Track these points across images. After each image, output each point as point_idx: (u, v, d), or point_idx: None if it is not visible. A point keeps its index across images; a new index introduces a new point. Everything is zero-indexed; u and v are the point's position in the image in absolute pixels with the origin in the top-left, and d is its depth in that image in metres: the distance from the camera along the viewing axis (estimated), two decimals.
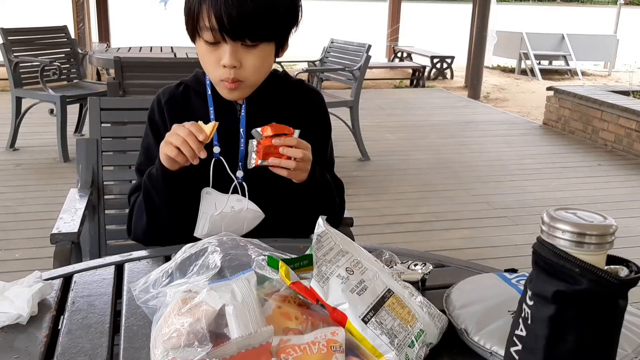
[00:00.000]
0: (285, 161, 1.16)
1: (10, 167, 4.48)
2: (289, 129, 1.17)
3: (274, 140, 1.14)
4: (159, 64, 3.92)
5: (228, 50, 1.18)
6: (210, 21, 1.15)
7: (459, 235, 3.52)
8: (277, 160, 1.16)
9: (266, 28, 1.19)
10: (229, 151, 1.31)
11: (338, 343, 0.74)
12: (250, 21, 1.16)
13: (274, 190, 1.33)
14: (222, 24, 1.14)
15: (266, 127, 1.15)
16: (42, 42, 5.30)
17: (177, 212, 1.29)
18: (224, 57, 1.19)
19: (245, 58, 1.20)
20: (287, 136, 1.16)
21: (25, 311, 0.90)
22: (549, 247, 0.62)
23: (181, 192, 1.26)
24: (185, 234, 1.27)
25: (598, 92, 6.27)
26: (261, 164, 1.16)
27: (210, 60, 1.22)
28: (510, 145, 5.66)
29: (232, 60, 1.19)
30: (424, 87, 8.95)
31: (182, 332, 0.73)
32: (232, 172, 1.30)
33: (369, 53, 4.92)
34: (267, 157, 1.15)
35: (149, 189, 1.27)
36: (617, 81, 10.55)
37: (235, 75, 1.21)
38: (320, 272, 0.80)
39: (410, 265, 1.01)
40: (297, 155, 1.16)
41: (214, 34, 1.17)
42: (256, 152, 1.15)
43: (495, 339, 0.84)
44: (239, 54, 1.19)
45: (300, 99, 1.41)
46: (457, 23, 15.43)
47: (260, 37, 1.19)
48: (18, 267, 2.90)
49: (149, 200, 1.29)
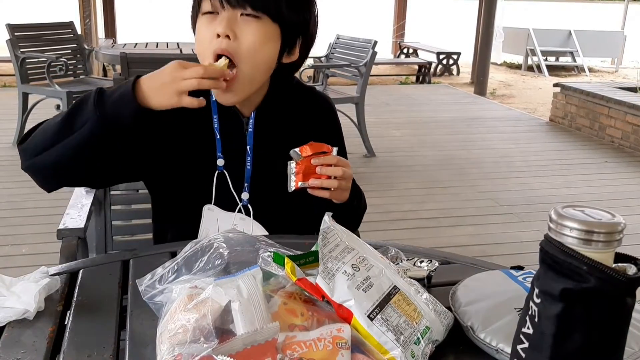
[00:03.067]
0: (326, 181, 1.09)
1: (17, 163, 4.46)
2: (327, 147, 1.10)
3: (312, 160, 1.07)
4: (165, 60, 3.91)
5: (225, 17, 1.09)
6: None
7: (465, 232, 3.52)
8: (317, 181, 1.08)
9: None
10: (235, 168, 1.24)
11: (344, 340, 0.74)
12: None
13: (280, 211, 1.27)
14: None
15: (305, 147, 1.08)
16: (49, 38, 5.31)
17: (91, 160, 1.09)
18: (218, 26, 1.09)
19: (242, 30, 1.10)
20: (325, 154, 1.09)
21: (31, 306, 0.90)
22: (556, 245, 0.62)
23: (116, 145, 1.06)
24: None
25: (605, 88, 6.24)
26: (301, 186, 1.08)
27: (205, 35, 1.12)
28: (516, 142, 5.64)
29: (227, 28, 1.09)
30: (429, 84, 8.93)
31: (188, 328, 0.73)
32: (237, 192, 1.24)
33: (374, 49, 4.91)
34: (307, 179, 1.08)
35: (89, 104, 1.04)
36: (625, 78, 10.49)
37: (228, 47, 1.09)
38: (326, 268, 0.80)
39: (416, 262, 1.01)
40: (338, 174, 1.09)
41: (212, 2, 1.10)
42: (295, 174, 1.08)
43: (502, 336, 0.83)
44: (235, 23, 1.10)
45: (311, 107, 1.34)
46: (463, 19, 15.37)
47: (262, 5, 1.10)
48: (24, 263, 2.92)
49: (74, 116, 1.06)
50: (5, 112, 5.85)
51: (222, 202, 1.23)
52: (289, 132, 1.28)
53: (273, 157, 1.23)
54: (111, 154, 1.09)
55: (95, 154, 1.08)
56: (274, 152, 1.23)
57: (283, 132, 1.27)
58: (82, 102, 1.07)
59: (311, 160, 1.08)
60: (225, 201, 1.23)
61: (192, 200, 1.24)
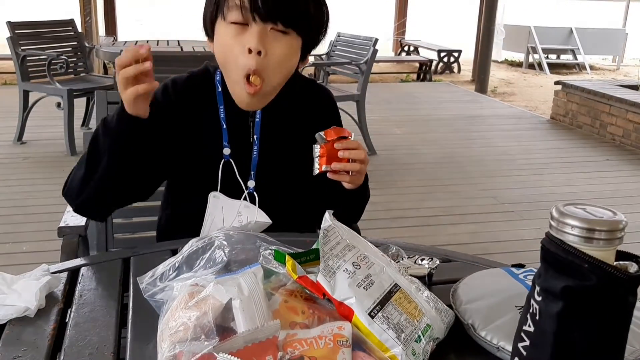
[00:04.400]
0: (349, 165, 1.10)
1: (18, 161, 4.50)
2: (348, 132, 1.11)
3: (335, 144, 1.08)
4: (166, 57, 3.93)
5: (256, 32, 1.09)
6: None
7: (466, 230, 3.51)
8: (341, 165, 1.09)
9: (301, 13, 1.12)
10: (241, 156, 1.26)
11: (345, 337, 0.74)
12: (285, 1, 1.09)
13: (285, 199, 1.30)
14: (255, 1, 1.07)
15: (329, 131, 1.09)
16: (49, 36, 5.31)
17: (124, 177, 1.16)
18: (250, 40, 1.09)
19: (272, 46, 1.11)
20: (347, 139, 1.10)
21: (32, 304, 0.90)
22: (557, 243, 0.62)
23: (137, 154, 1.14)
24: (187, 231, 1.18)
25: (606, 86, 6.23)
26: (325, 169, 1.09)
27: (233, 47, 1.12)
28: (517, 140, 5.64)
29: (259, 44, 1.09)
30: (430, 81, 8.92)
31: (189, 325, 0.73)
32: (243, 180, 1.26)
33: (375, 47, 4.91)
34: (331, 162, 1.09)
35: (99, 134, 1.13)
36: (626, 75, 10.48)
37: (258, 65, 1.11)
38: (327, 266, 0.80)
39: (416, 260, 1.01)
40: (360, 157, 1.11)
41: (243, 13, 1.08)
42: (320, 157, 1.09)
43: (503, 334, 0.83)
44: (266, 38, 1.10)
45: (311, 98, 1.37)
46: (464, 17, 15.35)
47: (294, 22, 1.11)
48: (25, 260, 2.92)
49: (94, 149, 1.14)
50: (6, 109, 5.85)
51: (228, 190, 1.26)
52: (294, 123, 1.30)
53: (278, 146, 1.28)
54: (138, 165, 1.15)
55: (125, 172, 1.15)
56: (280, 142, 1.28)
57: (288, 122, 1.29)
58: (93, 139, 1.15)
59: (334, 144, 1.09)
60: (231, 189, 1.26)
61: (199, 188, 1.27)
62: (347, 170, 1.11)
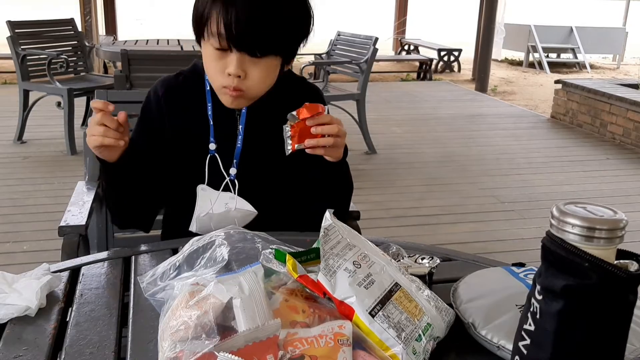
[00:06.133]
0: (322, 140, 1.11)
1: (18, 160, 4.50)
2: (321, 107, 1.11)
3: (307, 121, 1.09)
4: (166, 56, 3.93)
5: (235, 59, 1.15)
6: (219, 28, 1.12)
7: (466, 229, 3.51)
8: (313, 141, 1.11)
9: (275, 42, 1.16)
10: (225, 148, 1.31)
11: (345, 336, 0.74)
12: (259, 33, 1.12)
13: (268, 186, 1.34)
14: (231, 32, 1.11)
15: (301, 110, 1.10)
16: (50, 35, 5.31)
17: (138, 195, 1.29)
18: (229, 66, 1.16)
19: (250, 69, 1.18)
20: (319, 114, 1.11)
21: (33, 303, 0.90)
22: (558, 242, 0.62)
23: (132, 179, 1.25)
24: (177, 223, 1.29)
25: (606, 85, 6.23)
26: (298, 147, 1.10)
27: (215, 67, 1.19)
28: (517, 139, 5.64)
29: (238, 70, 1.16)
30: (431, 80, 8.92)
31: (190, 324, 0.73)
32: (226, 169, 1.30)
33: (375, 46, 4.91)
34: (303, 140, 1.10)
35: (103, 176, 1.28)
36: (626, 74, 10.48)
37: (239, 84, 1.18)
38: (327, 265, 0.80)
39: (417, 259, 1.01)
40: (333, 132, 1.12)
41: (221, 41, 1.14)
42: (291, 137, 1.10)
43: (503, 333, 0.83)
44: (245, 64, 1.16)
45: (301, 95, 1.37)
46: (464, 16, 15.35)
47: (268, 50, 1.16)
48: (26, 260, 2.92)
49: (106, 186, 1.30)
50: (6, 109, 5.85)
51: (215, 183, 1.31)
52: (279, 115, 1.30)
53: (262, 136, 1.32)
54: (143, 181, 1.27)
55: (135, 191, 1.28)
56: (263, 132, 1.32)
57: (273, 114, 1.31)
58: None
59: (306, 122, 1.10)
60: (217, 181, 1.31)
61: (188, 182, 1.32)
62: (321, 145, 1.12)
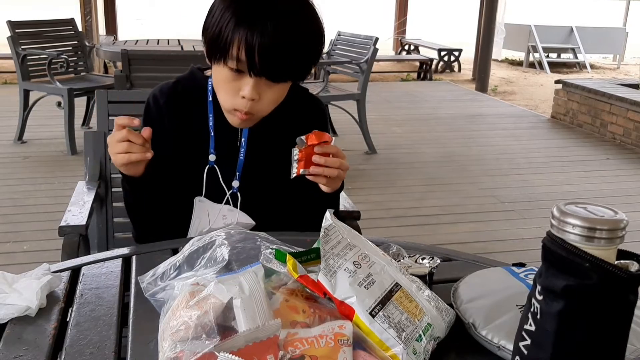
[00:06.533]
0: (327, 170, 1.13)
1: (18, 160, 4.50)
2: (328, 137, 1.13)
3: (315, 148, 1.11)
4: (166, 56, 3.92)
5: (251, 83, 1.14)
6: (240, 53, 1.10)
7: (466, 229, 3.51)
8: (319, 169, 1.12)
9: (294, 68, 1.17)
10: (226, 160, 1.30)
11: (345, 337, 0.74)
12: (280, 61, 1.12)
13: (269, 200, 1.34)
14: (253, 59, 1.10)
15: (310, 135, 1.11)
16: (50, 35, 5.31)
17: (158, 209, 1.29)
18: (244, 89, 1.15)
19: (265, 92, 1.17)
20: (327, 144, 1.12)
21: (33, 303, 0.90)
22: (558, 242, 0.62)
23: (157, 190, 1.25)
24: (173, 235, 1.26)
25: (607, 85, 6.22)
26: (302, 173, 1.12)
27: (228, 88, 1.18)
28: (517, 139, 5.63)
29: (254, 94, 1.15)
30: (431, 80, 8.92)
31: (190, 324, 0.73)
32: (228, 182, 1.30)
33: (376, 46, 4.90)
34: (309, 166, 1.11)
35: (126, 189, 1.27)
36: (626, 74, 10.48)
37: (251, 108, 1.18)
38: (327, 265, 0.80)
39: (417, 259, 1.01)
40: (336, 165, 1.13)
41: (239, 65, 1.12)
42: (298, 161, 1.11)
43: (503, 333, 0.83)
44: (260, 87, 1.16)
45: (303, 106, 1.39)
46: (464, 16, 15.35)
47: (286, 76, 1.17)
48: (26, 260, 2.92)
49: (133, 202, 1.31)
50: (6, 109, 5.86)
51: (212, 194, 1.31)
52: (281, 127, 1.32)
53: (265, 149, 1.32)
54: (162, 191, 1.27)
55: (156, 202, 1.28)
56: (266, 145, 1.32)
57: (275, 126, 1.32)
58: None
59: (314, 149, 1.11)
60: (216, 193, 1.30)
61: (185, 193, 1.31)
62: (325, 175, 1.13)
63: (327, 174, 1.13)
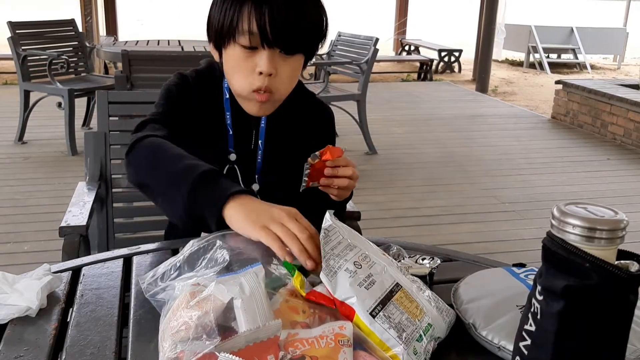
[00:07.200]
0: (337, 180, 1.14)
1: (19, 160, 4.50)
2: (341, 151, 1.15)
3: (327, 163, 1.12)
4: (167, 57, 3.92)
5: (266, 56, 1.13)
6: (251, 25, 1.10)
7: (467, 230, 3.51)
8: (329, 180, 1.14)
9: (304, 38, 1.17)
10: (244, 162, 1.29)
11: (346, 337, 0.74)
12: (292, 29, 1.13)
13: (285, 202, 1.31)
14: (264, 29, 1.10)
15: (325, 151, 1.12)
16: (50, 36, 5.31)
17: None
18: (260, 64, 1.14)
19: (280, 66, 1.16)
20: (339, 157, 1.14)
21: (34, 304, 0.90)
22: (559, 242, 0.62)
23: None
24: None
25: (607, 85, 6.22)
26: (312, 185, 1.14)
27: (243, 67, 1.16)
28: (518, 139, 5.63)
29: (270, 67, 1.14)
30: (431, 81, 8.92)
31: (191, 325, 0.73)
32: (247, 184, 1.28)
33: (376, 46, 4.91)
34: (318, 179, 1.13)
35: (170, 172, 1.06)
36: (627, 74, 10.48)
37: (270, 83, 1.16)
38: (328, 266, 0.80)
39: (418, 260, 1.01)
40: (347, 174, 1.15)
41: (252, 39, 1.12)
42: (308, 175, 1.12)
43: (504, 333, 0.83)
44: (275, 61, 1.15)
45: (311, 111, 1.39)
46: (465, 16, 15.35)
47: (298, 47, 1.17)
48: (27, 260, 2.92)
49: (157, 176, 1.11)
50: (7, 109, 5.86)
51: None
52: (294, 131, 1.33)
53: (280, 152, 1.31)
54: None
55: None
56: (281, 148, 1.31)
57: (289, 130, 1.32)
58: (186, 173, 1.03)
59: (326, 163, 1.13)
60: None
61: None
62: (334, 185, 1.15)
63: (336, 184, 1.14)
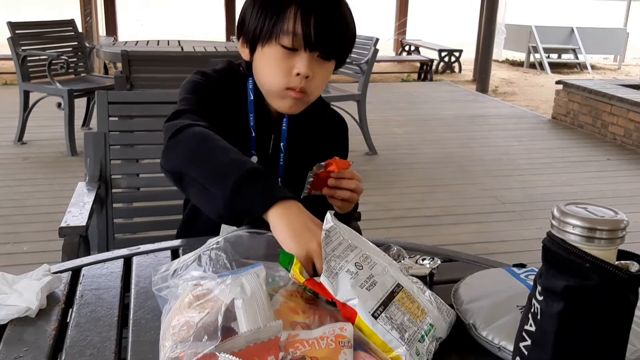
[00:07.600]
0: (339, 191, 1.15)
1: (18, 161, 4.50)
2: (349, 163, 1.16)
3: (332, 174, 1.13)
4: (166, 57, 3.92)
5: (305, 58, 1.16)
6: (296, 27, 1.12)
7: (467, 230, 3.51)
8: (332, 190, 1.15)
9: (343, 45, 1.20)
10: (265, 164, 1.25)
11: (346, 338, 0.74)
12: (334, 36, 1.16)
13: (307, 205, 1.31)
14: (309, 33, 1.12)
15: (330, 162, 1.13)
16: (50, 36, 5.31)
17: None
18: (299, 66, 1.16)
19: (317, 70, 1.18)
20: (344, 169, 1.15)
21: (34, 304, 0.90)
22: (559, 242, 0.62)
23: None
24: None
25: (607, 85, 6.22)
26: (314, 193, 1.15)
27: (282, 67, 1.17)
28: (518, 140, 5.63)
29: (309, 70, 1.16)
30: (431, 81, 8.92)
31: (192, 325, 0.73)
32: None
33: (376, 46, 4.91)
34: (321, 188, 1.15)
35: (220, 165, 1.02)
36: (627, 75, 10.48)
37: (305, 85, 1.18)
38: (329, 267, 0.80)
39: (418, 260, 1.01)
40: (351, 187, 1.16)
41: (294, 41, 1.14)
42: (311, 183, 1.14)
43: (504, 334, 0.83)
44: (312, 65, 1.17)
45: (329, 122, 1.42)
46: (465, 16, 15.35)
47: (337, 52, 1.20)
48: (26, 260, 2.92)
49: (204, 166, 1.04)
50: (7, 110, 5.86)
51: None
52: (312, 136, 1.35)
53: (300, 154, 1.32)
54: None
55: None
56: (301, 151, 1.33)
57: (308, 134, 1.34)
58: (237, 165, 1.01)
59: (330, 175, 1.13)
60: None
61: None
62: (336, 196, 1.16)
63: (338, 196, 1.15)
